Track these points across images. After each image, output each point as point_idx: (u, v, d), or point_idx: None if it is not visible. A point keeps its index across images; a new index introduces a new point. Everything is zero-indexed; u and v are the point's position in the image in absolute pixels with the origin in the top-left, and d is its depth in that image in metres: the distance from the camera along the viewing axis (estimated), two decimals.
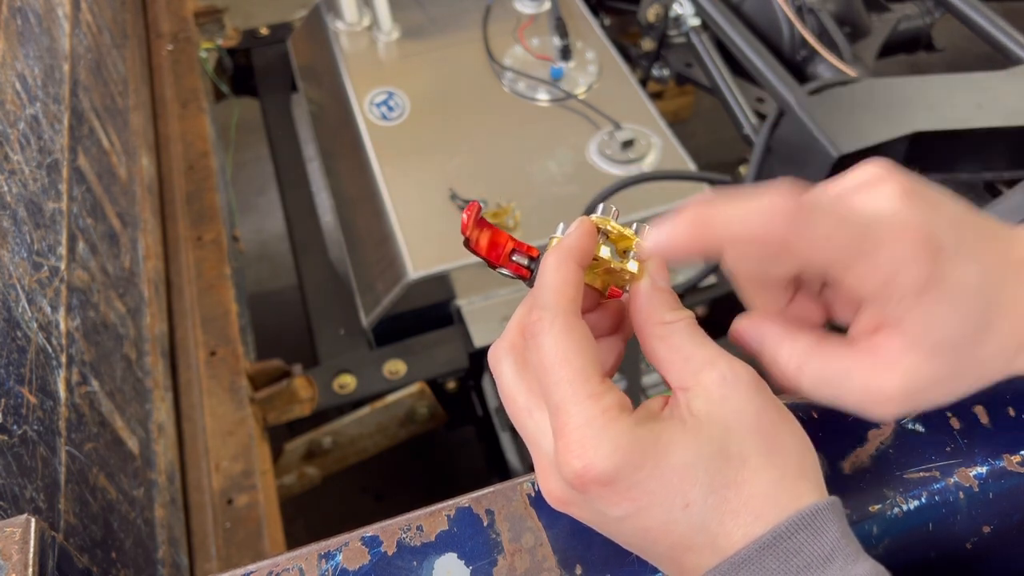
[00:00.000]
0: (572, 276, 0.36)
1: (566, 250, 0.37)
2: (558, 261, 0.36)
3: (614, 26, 1.69)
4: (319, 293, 1.33)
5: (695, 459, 0.33)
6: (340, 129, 1.42)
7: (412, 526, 0.40)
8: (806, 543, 0.32)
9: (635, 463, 0.32)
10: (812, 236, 0.32)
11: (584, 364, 0.34)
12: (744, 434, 0.34)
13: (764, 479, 0.33)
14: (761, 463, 0.33)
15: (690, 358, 0.35)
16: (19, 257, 0.65)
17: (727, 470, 0.33)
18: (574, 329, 0.35)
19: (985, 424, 0.42)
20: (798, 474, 0.34)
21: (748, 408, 0.34)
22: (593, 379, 0.34)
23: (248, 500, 0.94)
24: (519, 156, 1.30)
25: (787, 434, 0.35)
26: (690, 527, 0.33)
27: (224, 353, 1.08)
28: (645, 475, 0.33)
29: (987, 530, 0.42)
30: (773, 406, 0.35)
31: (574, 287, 0.36)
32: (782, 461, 0.34)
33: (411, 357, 1.17)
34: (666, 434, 0.33)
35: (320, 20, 1.54)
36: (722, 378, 0.34)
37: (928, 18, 1.37)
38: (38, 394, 0.61)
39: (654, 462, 0.33)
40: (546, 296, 0.36)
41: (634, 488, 0.33)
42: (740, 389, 0.34)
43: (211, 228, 1.24)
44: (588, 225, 0.38)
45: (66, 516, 0.60)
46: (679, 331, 0.36)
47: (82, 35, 1.06)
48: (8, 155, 0.69)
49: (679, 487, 0.33)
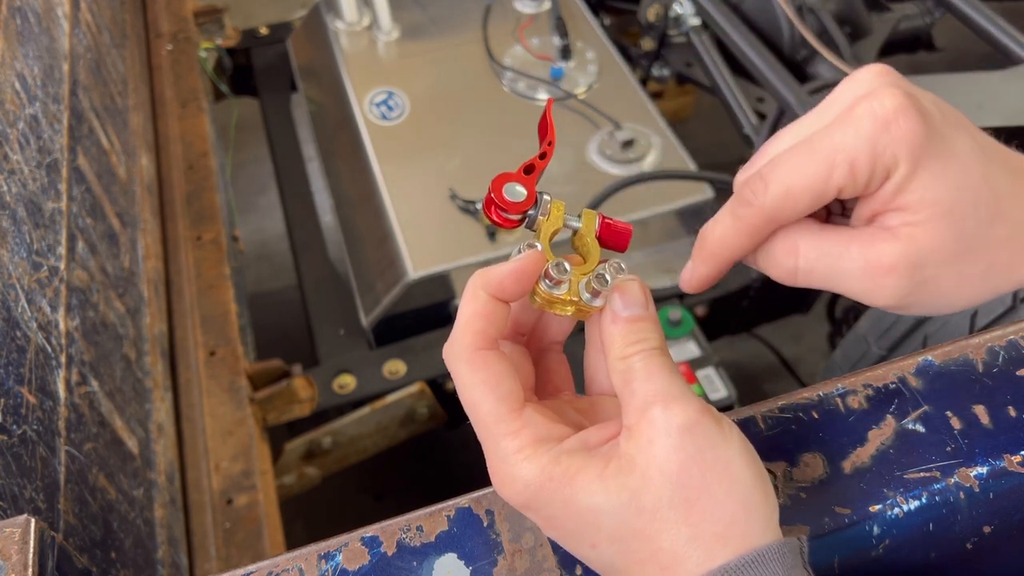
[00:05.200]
0: (483, 308, 0.35)
1: (480, 280, 0.36)
2: (471, 290, 0.36)
3: (614, 26, 1.69)
4: (319, 293, 1.33)
5: (603, 505, 0.32)
6: (340, 129, 1.42)
7: (412, 526, 0.40)
8: None
9: (544, 499, 0.33)
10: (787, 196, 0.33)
11: (495, 404, 0.34)
12: (662, 486, 0.32)
13: (674, 535, 0.32)
14: (673, 518, 0.32)
15: (635, 395, 0.34)
16: (19, 257, 0.65)
17: (635, 521, 0.32)
18: (480, 369, 0.35)
19: (985, 424, 0.42)
20: (718, 533, 0.32)
21: (672, 458, 0.32)
22: (506, 418, 0.34)
23: (248, 500, 0.94)
24: (519, 156, 1.28)
25: (716, 489, 0.32)
26: (601, 565, 0.34)
27: (224, 353, 1.08)
28: (557, 510, 0.33)
29: (987, 530, 0.42)
30: (707, 457, 0.32)
31: (483, 319, 0.35)
32: (699, 520, 0.32)
33: (411, 357, 1.17)
34: (581, 475, 0.33)
35: (320, 20, 1.54)
36: (651, 421, 0.33)
37: (928, 18, 1.37)
38: (38, 394, 0.61)
39: (562, 503, 0.33)
40: (455, 332, 0.36)
41: (551, 519, 0.34)
42: (671, 435, 0.32)
43: (211, 228, 1.24)
44: (531, 258, 0.36)
45: (66, 516, 0.60)
46: (634, 364, 0.35)
47: (81, 35, 1.06)
48: (8, 155, 0.69)
49: (585, 529, 0.33)
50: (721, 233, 0.35)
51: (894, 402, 0.43)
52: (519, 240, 1.15)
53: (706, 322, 1.23)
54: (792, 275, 0.35)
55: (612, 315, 0.36)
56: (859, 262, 0.33)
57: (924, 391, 0.43)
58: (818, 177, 0.32)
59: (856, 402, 0.43)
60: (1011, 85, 0.96)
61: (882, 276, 0.32)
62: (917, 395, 0.43)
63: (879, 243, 0.32)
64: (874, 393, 0.43)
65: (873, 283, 0.33)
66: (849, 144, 0.32)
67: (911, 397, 0.43)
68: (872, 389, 0.43)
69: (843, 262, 0.33)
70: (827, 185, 0.32)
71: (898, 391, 0.43)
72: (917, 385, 0.43)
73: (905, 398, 0.43)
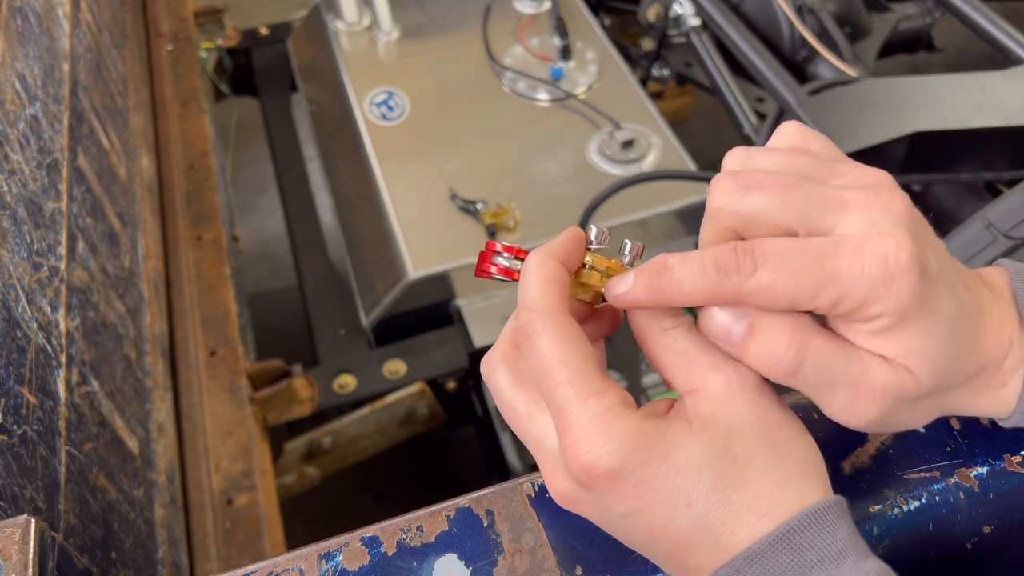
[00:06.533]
0: (555, 273, 0.36)
1: (547, 249, 0.36)
2: (540, 259, 0.36)
3: (614, 26, 1.69)
4: (319, 293, 1.33)
5: (699, 458, 0.33)
6: (340, 129, 1.42)
7: (412, 526, 0.40)
8: (818, 538, 0.32)
9: (640, 458, 0.33)
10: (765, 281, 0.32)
11: (582, 363, 0.34)
12: (749, 436, 0.34)
13: (768, 480, 0.33)
14: (765, 464, 0.33)
15: (694, 362, 0.35)
16: (19, 257, 0.65)
17: (731, 471, 0.33)
18: (566, 328, 0.35)
19: (985, 424, 0.42)
20: (802, 475, 0.34)
21: (752, 410, 0.34)
22: (593, 377, 0.34)
23: (248, 500, 0.94)
24: (519, 156, 1.30)
25: (792, 436, 0.35)
26: (693, 525, 0.33)
27: (224, 353, 1.08)
28: (651, 471, 0.33)
29: (987, 530, 0.42)
30: (778, 408, 0.35)
31: (558, 284, 0.36)
32: (786, 462, 0.34)
33: (411, 357, 1.17)
34: (671, 432, 0.33)
35: (320, 20, 1.54)
36: (727, 381, 0.34)
37: (928, 18, 1.37)
38: (38, 394, 0.61)
39: (659, 459, 0.33)
40: (532, 296, 0.35)
41: (640, 484, 0.33)
42: (745, 392, 0.34)
43: (211, 228, 1.24)
44: (574, 232, 0.37)
45: (66, 516, 0.60)
46: (680, 337, 0.36)
47: (82, 35, 1.06)
48: (8, 155, 0.69)
49: (682, 485, 0.33)
50: (681, 280, 0.34)
51: None
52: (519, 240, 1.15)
53: None
54: (790, 373, 0.33)
55: None
56: (856, 379, 0.33)
57: None
58: (804, 293, 0.32)
59: None
60: (1011, 85, 0.96)
61: (868, 400, 0.33)
62: None
63: (876, 365, 0.33)
64: None
65: (857, 403, 0.33)
66: (851, 281, 0.31)
67: None
68: None
69: (843, 375, 0.33)
70: (808, 303, 0.32)
71: None
72: None
73: None
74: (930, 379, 0.33)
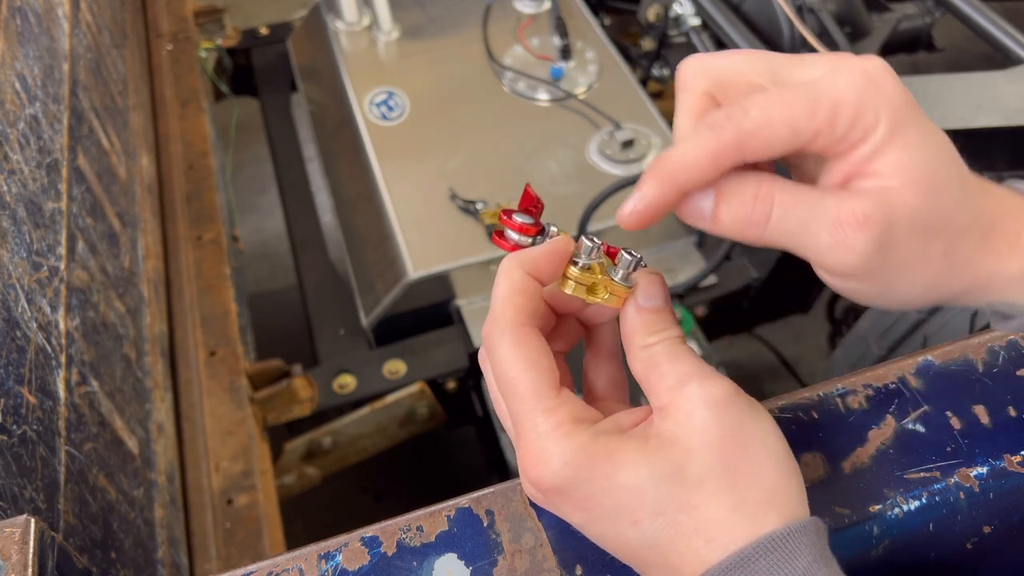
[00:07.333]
0: (520, 284, 0.36)
1: (519, 258, 0.36)
2: (508, 268, 0.36)
3: (614, 26, 1.69)
4: (319, 293, 1.33)
5: (646, 479, 0.33)
6: (340, 129, 1.42)
7: (412, 526, 0.40)
8: (775, 567, 0.31)
9: (584, 477, 0.33)
10: (760, 124, 0.32)
11: (534, 380, 0.34)
12: (705, 458, 0.33)
13: (721, 505, 0.33)
14: (718, 489, 0.33)
15: (664, 376, 0.35)
16: (19, 257, 0.65)
17: (679, 493, 0.33)
18: (524, 342, 0.35)
19: (985, 424, 0.42)
20: (764, 501, 0.33)
21: (713, 429, 0.33)
22: (546, 394, 0.34)
23: (248, 500, 0.94)
24: (519, 156, 1.29)
25: (761, 459, 0.33)
26: (641, 543, 0.33)
27: (224, 353, 1.08)
28: (596, 489, 0.33)
29: (987, 530, 0.42)
30: (746, 428, 0.34)
31: (523, 295, 0.36)
32: (746, 489, 0.33)
33: (411, 357, 1.17)
34: (620, 451, 0.33)
35: (320, 20, 1.54)
36: (689, 397, 0.34)
37: (928, 18, 1.37)
38: (37, 394, 0.61)
39: (604, 478, 0.33)
40: (495, 306, 0.36)
41: (587, 499, 0.33)
42: (710, 408, 0.33)
43: (211, 228, 1.24)
44: (561, 243, 0.37)
45: (66, 516, 0.60)
46: (659, 352, 0.36)
47: (82, 35, 1.06)
48: (8, 155, 0.69)
49: (627, 504, 0.33)
50: (682, 152, 0.32)
51: (894, 402, 0.43)
52: None
53: (706, 322, 1.23)
54: (762, 224, 0.33)
55: (636, 306, 0.37)
56: (832, 213, 0.32)
57: (924, 391, 0.43)
58: (801, 113, 0.31)
59: (856, 402, 0.43)
60: (1011, 85, 0.96)
61: (854, 230, 0.31)
62: (917, 395, 0.43)
63: (854, 199, 0.32)
64: (874, 393, 0.43)
65: (843, 237, 0.31)
66: (839, 90, 0.31)
67: (911, 397, 0.43)
68: (872, 389, 0.43)
69: (816, 213, 0.32)
70: (807, 123, 0.31)
71: (898, 391, 0.43)
72: (917, 385, 0.43)
73: (905, 398, 0.43)
74: (913, 193, 0.32)
